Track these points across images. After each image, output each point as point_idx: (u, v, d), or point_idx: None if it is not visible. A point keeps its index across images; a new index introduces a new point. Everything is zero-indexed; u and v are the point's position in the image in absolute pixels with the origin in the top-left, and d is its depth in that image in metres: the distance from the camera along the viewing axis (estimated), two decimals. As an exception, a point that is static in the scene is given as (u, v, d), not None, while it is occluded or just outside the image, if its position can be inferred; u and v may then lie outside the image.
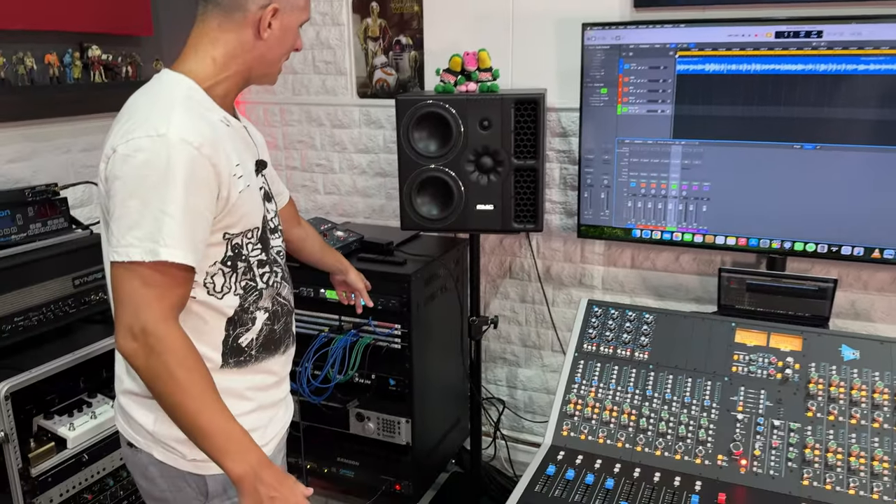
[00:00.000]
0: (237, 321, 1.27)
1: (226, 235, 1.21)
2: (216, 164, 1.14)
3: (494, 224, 2.17)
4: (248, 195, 1.24)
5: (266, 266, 1.32)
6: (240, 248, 1.24)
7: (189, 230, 1.12)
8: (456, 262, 2.54)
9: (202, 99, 1.21)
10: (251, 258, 1.27)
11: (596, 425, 1.60)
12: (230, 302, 1.25)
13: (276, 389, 1.40)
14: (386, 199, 2.82)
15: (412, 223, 2.20)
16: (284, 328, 1.39)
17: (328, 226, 2.48)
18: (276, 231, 1.39)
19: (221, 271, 1.23)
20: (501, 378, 2.78)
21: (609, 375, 1.68)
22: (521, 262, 2.64)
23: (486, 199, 2.16)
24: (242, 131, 1.32)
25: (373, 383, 2.33)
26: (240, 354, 1.29)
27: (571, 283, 2.58)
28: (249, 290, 1.28)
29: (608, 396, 1.65)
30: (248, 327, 1.29)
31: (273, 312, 1.35)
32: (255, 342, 1.31)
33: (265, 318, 1.32)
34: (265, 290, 1.32)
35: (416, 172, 2.16)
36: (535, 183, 2.13)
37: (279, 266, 1.37)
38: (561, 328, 2.62)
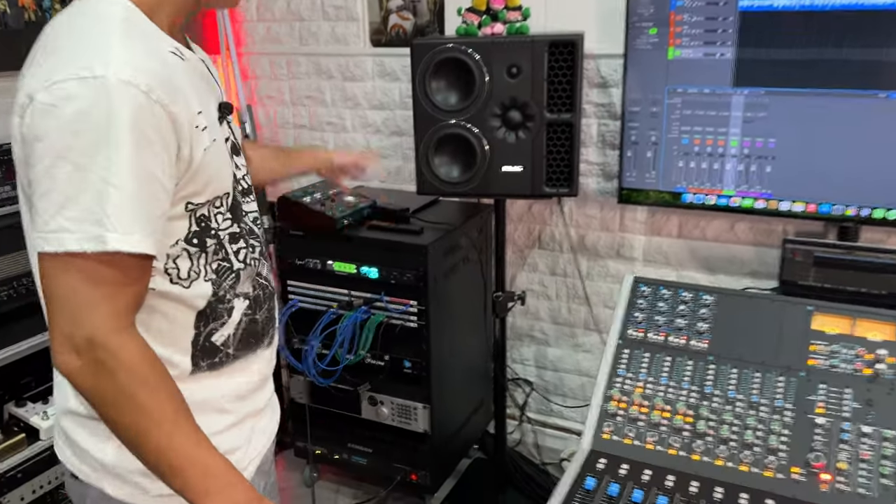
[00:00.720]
0: (210, 314, 1.02)
1: (189, 206, 0.95)
2: (173, 112, 0.87)
3: (523, 188, 1.90)
4: (215, 153, 0.97)
5: (241, 240, 1.05)
6: (207, 220, 0.98)
7: (144, 205, 0.86)
8: (479, 230, 2.27)
9: (144, 25, 0.93)
10: (221, 232, 1.01)
11: (644, 428, 1.35)
12: (201, 290, 0.99)
13: (259, 393, 1.15)
14: (403, 161, 2.55)
15: (429, 187, 1.94)
16: (268, 316, 1.14)
17: (336, 190, 2.23)
18: (249, 193, 1.12)
19: (186, 252, 0.97)
20: (529, 357, 2.54)
21: (660, 368, 1.42)
22: (551, 230, 2.37)
23: (514, 160, 1.88)
24: (200, 66, 1.03)
25: (386, 365, 2.10)
26: (214, 355, 1.04)
27: (608, 254, 2.30)
28: (224, 272, 1.03)
29: (659, 393, 1.38)
30: (223, 320, 1.04)
31: (254, 298, 1.09)
32: (233, 338, 1.06)
33: (245, 307, 1.07)
34: (243, 270, 1.05)
35: (433, 129, 1.89)
36: (570, 140, 1.85)
37: (256, 238, 1.11)
38: (596, 304, 2.36)
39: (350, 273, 2.06)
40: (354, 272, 2.06)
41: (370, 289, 2.05)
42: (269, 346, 1.15)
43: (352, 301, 2.09)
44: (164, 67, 0.90)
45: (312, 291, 2.15)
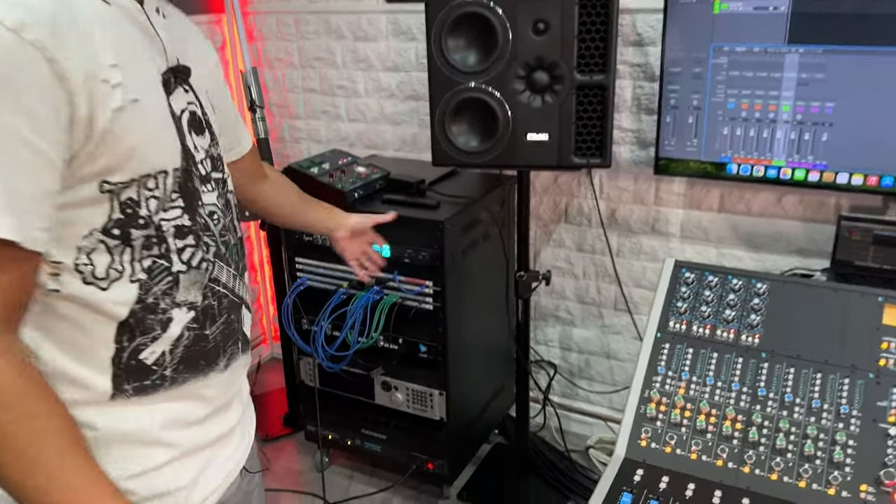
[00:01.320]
0: (136, 326, 0.82)
1: (105, 187, 0.76)
2: (57, 59, 0.69)
3: (549, 158, 1.72)
4: (137, 116, 0.77)
5: (190, 236, 0.86)
6: (134, 205, 0.80)
7: (10, 178, 0.68)
8: (501, 203, 2.10)
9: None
10: (164, 223, 0.83)
11: (687, 434, 1.19)
12: (123, 295, 0.80)
13: (217, 419, 0.95)
14: (419, 128, 2.37)
15: (446, 157, 1.77)
16: (225, 332, 0.94)
17: (347, 160, 2.06)
18: (214, 182, 0.93)
19: (104, 245, 0.78)
20: (553, 338, 2.38)
21: (705, 365, 1.25)
22: (579, 203, 2.19)
23: (540, 127, 1.70)
24: (140, 17, 0.85)
25: (400, 348, 1.96)
26: (144, 376, 0.84)
27: (641, 229, 2.12)
28: (158, 273, 0.83)
29: (704, 395, 1.22)
30: (154, 334, 0.84)
31: (203, 309, 0.89)
32: (170, 357, 0.86)
33: (189, 320, 0.87)
34: (184, 273, 0.86)
35: (451, 93, 1.71)
36: (602, 105, 1.66)
37: (214, 237, 0.91)
38: (626, 283, 2.18)
39: (361, 250, 1.91)
40: (366, 249, 1.90)
41: (384, 268, 1.89)
42: (226, 369, 0.95)
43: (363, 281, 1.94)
44: (59, 5, 0.71)
45: (321, 269, 2.00)
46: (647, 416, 1.21)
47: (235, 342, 0.97)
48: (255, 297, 2.92)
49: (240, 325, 0.98)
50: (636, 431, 1.21)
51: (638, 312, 2.19)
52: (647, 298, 2.18)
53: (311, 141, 2.60)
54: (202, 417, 0.92)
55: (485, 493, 2.18)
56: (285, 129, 2.63)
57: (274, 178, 1.34)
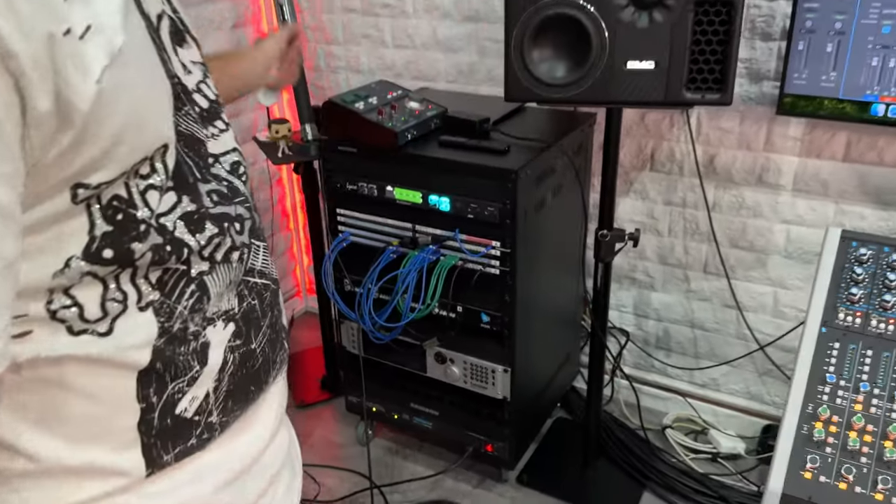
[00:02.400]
0: (164, 370, 0.57)
1: (80, 193, 0.48)
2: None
3: (654, 92, 1.38)
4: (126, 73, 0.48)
5: (208, 222, 0.58)
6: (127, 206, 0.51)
7: None
8: (577, 148, 1.77)
9: None
10: (164, 220, 0.54)
11: (869, 467, 0.90)
12: (136, 333, 0.54)
13: (258, 466, 0.68)
14: (478, 56, 2.03)
15: (523, 91, 1.44)
16: (272, 338, 0.68)
17: (398, 93, 1.74)
18: (222, 118, 0.64)
19: (92, 276, 0.51)
20: (626, 303, 2.08)
21: (891, 373, 0.95)
22: (670, 147, 1.85)
23: (644, 52, 1.36)
24: None
25: (459, 317, 1.68)
26: (186, 435, 0.60)
27: (746, 179, 1.78)
28: (175, 285, 0.57)
29: (893, 413, 0.92)
30: (192, 373, 0.59)
31: (245, 316, 0.64)
32: (215, 397, 0.61)
33: (230, 336, 0.62)
34: (212, 273, 0.59)
35: (532, 9, 1.37)
36: (727, 25, 1.31)
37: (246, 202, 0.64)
38: (723, 243, 1.86)
39: (415, 203, 1.61)
40: (420, 202, 1.60)
41: (441, 224, 1.60)
42: (277, 376, 0.70)
43: (417, 238, 1.65)
44: None
45: (368, 224, 1.71)
46: (813, 440, 0.92)
47: (282, 345, 0.71)
48: (289, 245, 2.65)
49: (281, 317, 0.71)
50: (798, 459, 0.91)
51: (734, 277, 1.88)
52: (744, 261, 1.86)
53: (351, 71, 2.27)
54: (250, 461, 0.66)
55: (548, 477, 1.93)
56: (321, 56, 2.30)
57: None
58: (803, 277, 1.80)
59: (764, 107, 1.69)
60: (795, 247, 1.78)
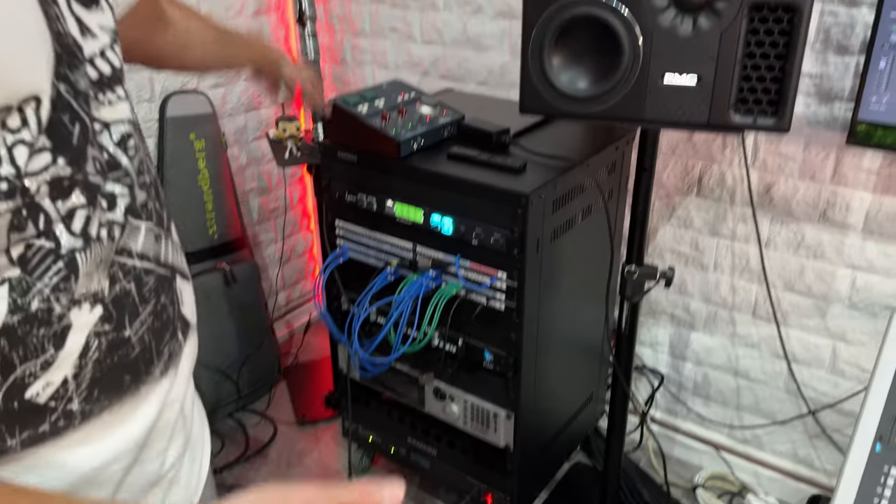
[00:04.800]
0: (10, 350, 0.51)
1: None
2: None
3: (694, 113, 1.16)
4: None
5: (76, 190, 0.53)
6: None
7: None
8: (611, 168, 1.55)
9: None
10: (28, 180, 0.49)
11: None
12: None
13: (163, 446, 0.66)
14: (510, 56, 1.83)
15: (539, 103, 1.23)
16: (155, 327, 0.62)
17: (409, 96, 1.56)
18: (122, 87, 0.60)
19: None
20: (662, 341, 1.85)
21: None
22: (720, 170, 1.61)
23: (685, 65, 1.13)
24: None
25: (459, 352, 1.49)
26: (38, 419, 0.54)
27: (806, 214, 1.53)
28: (39, 261, 0.51)
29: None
30: (45, 357, 0.53)
31: (115, 300, 0.57)
32: (74, 384, 0.55)
33: (95, 321, 0.56)
34: (83, 251, 0.54)
35: (554, 7, 1.16)
36: (789, 36, 1.07)
37: (130, 178, 0.59)
38: (774, 284, 1.61)
39: (416, 222, 1.43)
40: (422, 222, 1.42)
41: (443, 247, 1.42)
42: (166, 375, 0.64)
43: (417, 260, 1.47)
44: None
45: (366, 239, 1.54)
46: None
47: (174, 334, 0.65)
48: (308, 246, 2.52)
49: (176, 308, 0.66)
50: None
51: (786, 324, 1.63)
52: (800, 308, 1.60)
53: (377, 65, 2.10)
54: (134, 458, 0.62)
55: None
56: (346, 48, 2.14)
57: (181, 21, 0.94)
58: (869, 333, 1.54)
59: (834, 132, 1.43)
60: (861, 297, 1.52)
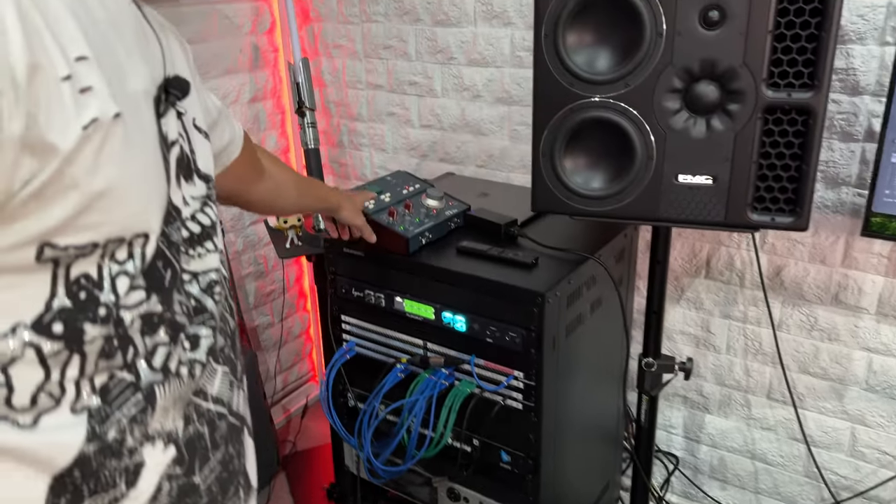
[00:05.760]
0: (82, 482, 0.51)
1: (48, 252, 0.47)
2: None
3: (712, 211, 1.15)
4: (119, 142, 0.49)
5: (162, 328, 0.55)
6: (94, 286, 0.50)
7: None
8: (619, 256, 1.54)
9: None
10: (124, 311, 0.52)
11: None
12: (60, 434, 0.50)
13: None
14: (510, 141, 1.83)
15: (553, 202, 1.22)
16: (222, 477, 0.62)
17: (415, 188, 1.55)
18: (212, 242, 0.65)
19: (35, 351, 0.48)
20: (676, 424, 1.81)
21: None
22: (728, 253, 1.60)
23: (700, 165, 1.13)
24: (130, 8, 0.57)
25: (475, 452, 1.44)
26: None
27: (818, 297, 1.52)
28: (118, 393, 0.52)
29: None
30: (115, 494, 0.52)
31: (188, 443, 0.58)
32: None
33: (168, 462, 0.56)
34: (161, 385, 0.55)
35: (565, 110, 1.16)
36: (805, 137, 1.07)
37: (213, 322, 0.62)
38: (791, 367, 1.59)
39: (427, 318, 1.40)
40: (433, 318, 1.39)
41: (456, 344, 1.38)
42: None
43: (428, 358, 1.43)
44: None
45: (374, 336, 1.50)
46: None
47: (237, 490, 0.64)
48: (305, 327, 2.47)
49: (242, 461, 0.65)
50: None
51: (803, 407, 1.60)
52: (816, 390, 1.58)
53: (375, 148, 2.09)
54: None
55: None
56: (343, 132, 2.13)
57: (273, 171, 1.09)
58: (888, 415, 1.51)
59: (842, 216, 1.43)
60: (879, 379, 1.50)
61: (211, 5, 1.88)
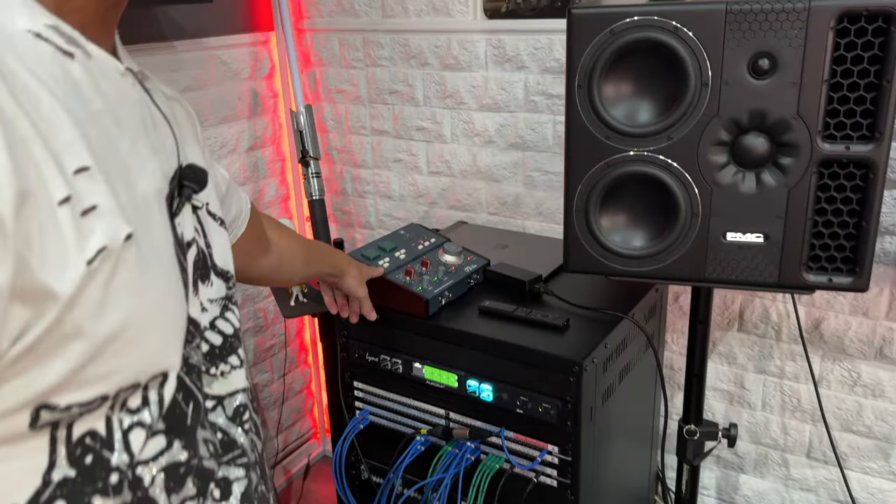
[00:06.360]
0: None
1: (44, 416, 0.36)
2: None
3: (763, 272, 1.06)
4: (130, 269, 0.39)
5: (189, 479, 0.46)
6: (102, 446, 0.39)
7: None
8: (650, 311, 1.45)
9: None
10: (143, 467, 0.41)
11: None
12: None
13: None
14: (525, 187, 1.75)
15: (591, 263, 1.13)
16: None
17: (430, 242, 1.45)
18: (223, 358, 0.55)
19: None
20: (708, 484, 1.71)
21: None
22: (763, 305, 1.52)
23: (750, 223, 1.05)
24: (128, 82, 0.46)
25: (504, 530, 1.33)
26: None
27: (861, 351, 1.43)
28: None
29: None
30: None
31: None
32: None
33: None
34: None
35: (602, 165, 1.07)
36: (864, 193, 0.99)
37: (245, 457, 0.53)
38: (833, 425, 1.50)
39: (449, 386, 1.30)
40: (456, 386, 1.29)
41: (483, 415, 1.28)
42: None
43: (451, 429, 1.32)
44: None
45: (391, 404, 1.40)
46: None
47: None
48: (306, 382, 2.35)
49: None
50: None
51: (848, 467, 1.50)
52: (860, 449, 1.48)
53: (381, 196, 2.00)
54: None
55: None
56: (347, 179, 2.05)
57: (277, 244, 1.03)
58: (942, 476, 1.42)
59: (886, 266, 1.36)
60: (931, 438, 1.41)
61: (208, 51, 1.79)
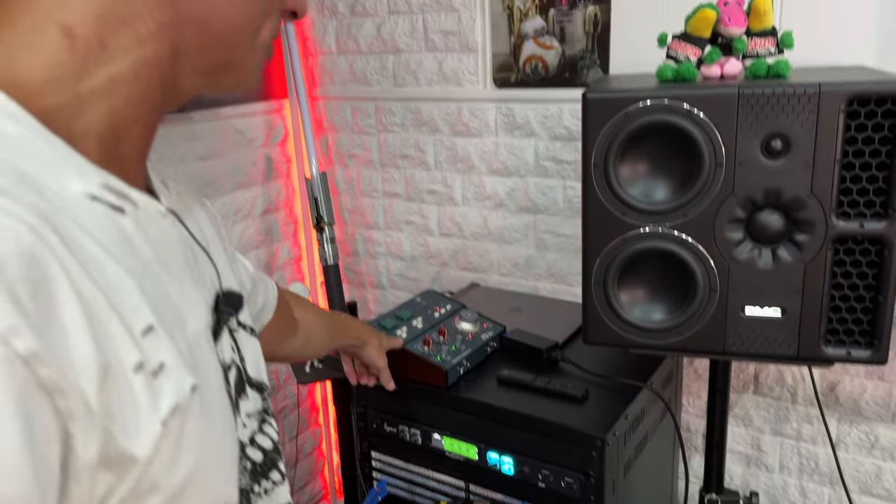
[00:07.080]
0: None
1: None
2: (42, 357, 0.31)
3: (781, 345, 1.08)
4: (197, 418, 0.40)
5: None
6: None
7: None
8: (667, 378, 1.45)
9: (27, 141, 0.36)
10: None
11: None
12: None
13: None
14: (536, 249, 1.77)
15: (610, 336, 1.14)
16: None
17: (446, 309, 1.47)
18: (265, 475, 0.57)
19: None
20: (728, 548, 1.68)
21: None
22: (778, 369, 1.52)
23: (767, 297, 1.06)
24: (169, 223, 0.47)
25: None
26: None
27: (878, 414, 1.44)
28: None
29: None
30: None
31: None
32: None
33: None
34: None
35: (618, 240, 1.10)
36: (880, 268, 1.01)
37: None
38: (852, 489, 1.49)
39: (469, 459, 1.29)
40: (476, 459, 1.29)
41: (503, 488, 1.27)
42: None
43: (472, 501, 1.32)
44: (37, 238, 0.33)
45: (409, 475, 1.39)
46: None
47: None
48: (317, 443, 2.34)
49: None
50: None
51: (868, 533, 1.49)
52: (882, 513, 1.47)
53: (392, 257, 2.02)
54: None
55: None
56: (359, 240, 2.07)
57: (303, 322, 1.04)
58: (966, 542, 1.41)
59: (901, 331, 1.37)
60: (953, 503, 1.40)
61: (224, 121, 1.84)
